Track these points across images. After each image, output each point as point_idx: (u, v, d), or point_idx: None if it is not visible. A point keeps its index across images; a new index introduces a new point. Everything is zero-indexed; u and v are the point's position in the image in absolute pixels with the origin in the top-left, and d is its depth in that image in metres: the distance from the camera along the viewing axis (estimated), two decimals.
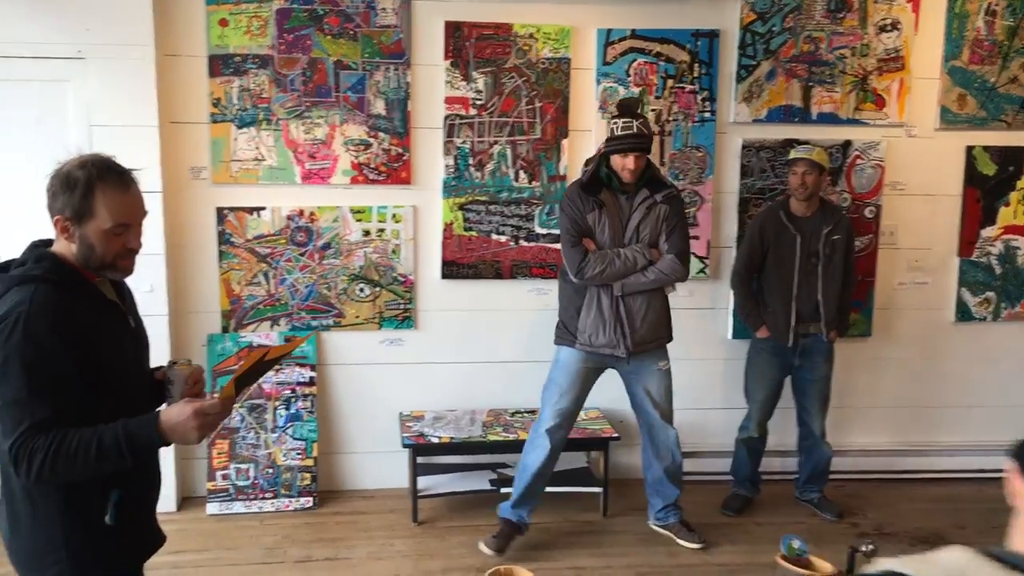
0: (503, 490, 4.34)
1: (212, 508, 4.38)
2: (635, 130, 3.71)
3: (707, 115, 4.59)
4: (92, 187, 1.95)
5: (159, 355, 4.22)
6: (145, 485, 2.22)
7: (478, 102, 4.44)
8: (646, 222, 3.81)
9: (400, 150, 4.45)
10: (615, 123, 3.75)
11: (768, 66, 4.57)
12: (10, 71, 4.00)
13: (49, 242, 2.08)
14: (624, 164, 3.72)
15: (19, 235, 4.18)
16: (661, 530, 4.20)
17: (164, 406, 2.12)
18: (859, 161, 4.69)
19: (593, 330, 3.84)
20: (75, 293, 1.99)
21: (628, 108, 3.82)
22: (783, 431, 4.64)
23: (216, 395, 2.04)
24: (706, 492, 4.64)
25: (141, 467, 2.11)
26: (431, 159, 4.49)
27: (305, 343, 4.52)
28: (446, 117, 4.45)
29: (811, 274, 4.23)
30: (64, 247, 2.02)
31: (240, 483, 4.41)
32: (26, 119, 4.05)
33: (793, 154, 4.25)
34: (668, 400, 4.02)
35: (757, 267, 4.34)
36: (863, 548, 2.95)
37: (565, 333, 3.94)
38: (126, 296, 2.21)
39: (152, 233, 4.12)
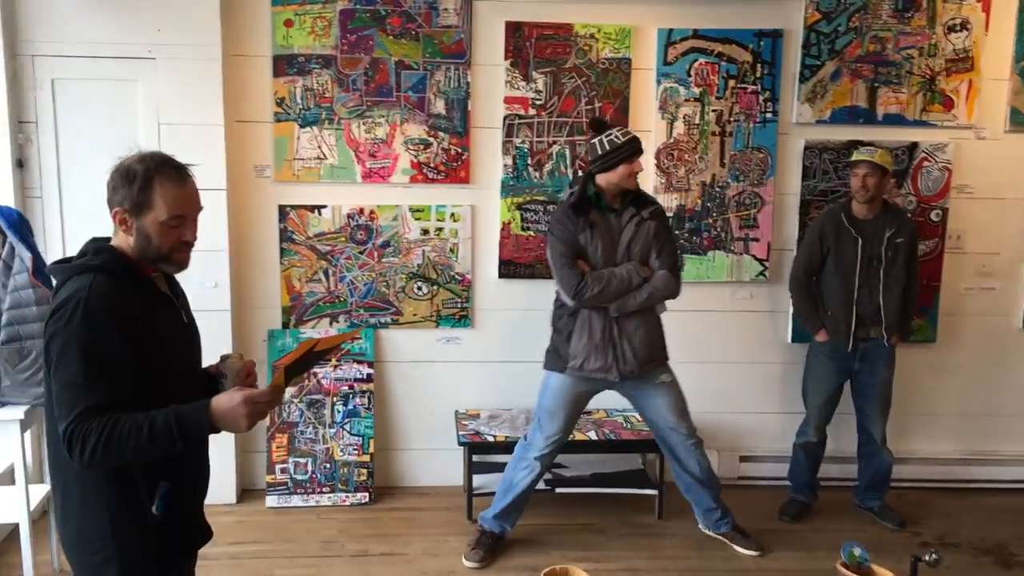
0: (558, 490, 4.36)
1: (271, 501, 4.46)
2: (632, 136, 3.69)
3: (769, 116, 4.53)
4: (150, 180, 2.01)
5: (222, 349, 4.32)
6: (194, 479, 2.25)
7: (537, 102, 4.45)
8: (636, 239, 3.75)
9: (459, 149, 4.48)
10: (608, 135, 3.65)
11: (833, 66, 4.50)
12: (84, 70, 4.12)
13: (108, 238, 2.13)
14: (632, 170, 3.66)
15: (91, 230, 4.32)
16: (715, 536, 4.16)
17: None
18: (926, 163, 4.60)
19: (585, 355, 3.76)
20: (131, 284, 2.04)
21: (605, 123, 3.77)
22: (842, 437, 4.56)
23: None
24: (763, 497, 4.59)
25: (190, 458, 2.15)
26: (490, 159, 4.50)
27: (360, 338, 4.57)
28: (505, 117, 4.46)
29: (872, 278, 4.16)
30: (122, 240, 2.08)
31: (298, 477, 4.48)
32: (98, 117, 4.16)
33: (855, 156, 4.18)
34: (681, 413, 3.94)
35: (816, 270, 4.28)
36: (926, 558, 2.88)
37: (555, 358, 3.85)
38: (179, 293, 2.25)
39: (216, 230, 4.26)
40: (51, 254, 4.03)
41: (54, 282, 2.12)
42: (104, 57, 4.11)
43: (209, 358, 4.40)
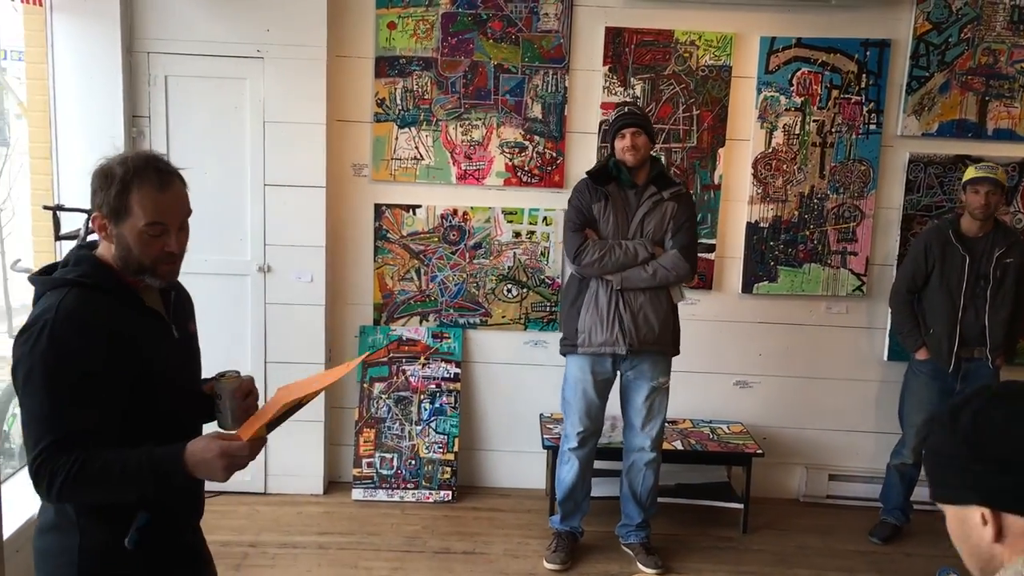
0: None
1: (357, 494, 4.53)
2: (627, 110, 3.75)
3: (872, 127, 4.43)
4: (128, 184, 1.83)
5: (314, 345, 4.43)
6: (180, 508, 2.02)
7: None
8: (651, 217, 3.73)
9: (554, 154, 4.49)
10: (611, 115, 3.84)
11: (942, 78, 4.38)
12: (196, 67, 4.26)
13: (95, 244, 1.95)
14: (624, 145, 3.68)
15: (196, 224, 4.46)
16: (623, 547, 4.08)
17: (213, 425, 2.03)
18: None
19: (591, 326, 3.73)
20: (112, 299, 1.86)
21: (621, 104, 3.93)
22: None
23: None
24: (852, 517, 4.50)
25: (175, 492, 1.91)
26: (584, 164, 4.47)
27: (350, 370, 4.61)
28: (601, 122, 4.45)
29: (979, 297, 4.02)
30: (106, 249, 1.90)
31: (384, 472, 4.55)
32: (207, 113, 4.30)
33: (974, 173, 4.00)
34: (657, 420, 3.87)
35: (919, 286, 4.16)
36: None
37: (566, 339, 3.85)
38: (177, 305, 2.05)
39: (315, 226, 4.37)
40: None
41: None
42: (215, 55, 4.25)
43: (305, 350, 4.47)
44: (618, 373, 3.89)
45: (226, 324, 4.38)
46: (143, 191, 1.83)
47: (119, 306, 1.87)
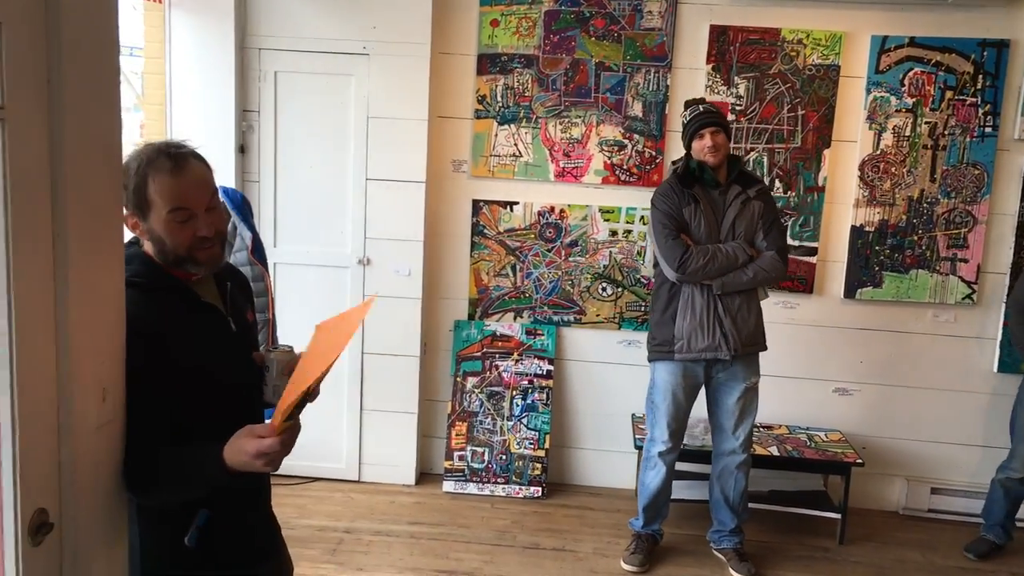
0: None
1: (448, 486, 4.59)
2: (702, 108, 3.69)
3: (988, 130, 4.27)
4: (144, 175, 1.78)
5: (410, 337, 4.49)
6: (239, 500, 1.96)
7: (738, 107, 4.36)
8: (741, 218, 3.67)
9: (653, 153, 4.46)
10: (683, 113, 3.78)
11: None
12: (304, 64, 4.37)
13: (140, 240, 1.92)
14: (704, 145, 3.62)
15: (302, 216, 4.55)
16: (715, 552, 4.02)
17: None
18: None
19: (691, 333, 3.67)
20: (165, 297, 1.84)
21: (689, 102, 3.82)
22: None
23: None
24: (956, 533, 4.35)
25: (239, 486, 1.85)
26: None
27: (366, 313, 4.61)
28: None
29: None
30: (149, 245, 1.86)
31: (475, 465, 4.59)
32: (313, 108, 4.41)
33: None
34: (748, 421, 3.81)
35: None
36: None
37: (660, 345, 3.78)
38: (235, 295, 2.01)
39: (414, 221, 4.43)
40: (265, 235, 4.29)
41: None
42: (323, 52, 4.34)
43: (401, 342, 4.53)
44: (709, 377, 3.84)
45: (326, 314, 4.46)
46: (158, 179, 1.78)
47: (175, 303, 1.84)
